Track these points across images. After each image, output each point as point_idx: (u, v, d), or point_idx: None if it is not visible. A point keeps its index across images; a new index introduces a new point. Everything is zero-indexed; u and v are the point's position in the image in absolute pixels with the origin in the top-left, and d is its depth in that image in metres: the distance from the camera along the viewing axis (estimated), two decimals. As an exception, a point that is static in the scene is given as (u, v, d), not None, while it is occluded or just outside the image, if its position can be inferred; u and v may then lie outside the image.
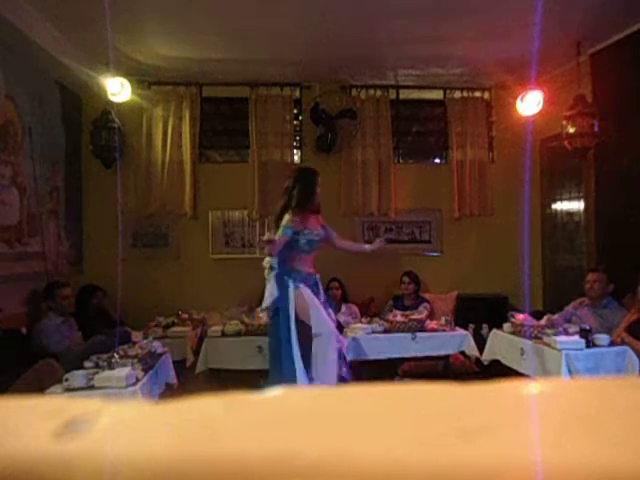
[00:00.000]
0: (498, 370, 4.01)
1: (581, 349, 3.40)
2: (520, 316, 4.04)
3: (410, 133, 6.33)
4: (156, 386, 3.27)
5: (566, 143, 4.82)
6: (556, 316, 4.14)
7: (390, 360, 4.34)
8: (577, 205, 5.45)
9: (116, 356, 3.17)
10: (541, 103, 5.08)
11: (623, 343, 3.55)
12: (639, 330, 3.60)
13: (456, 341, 4.31)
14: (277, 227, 3.56)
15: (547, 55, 4.53)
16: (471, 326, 4.84)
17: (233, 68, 5.35)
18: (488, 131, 6.05)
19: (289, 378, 3.30)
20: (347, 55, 5.06)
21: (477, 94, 5.99)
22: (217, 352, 4.12)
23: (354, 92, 5.87)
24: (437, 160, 6.40)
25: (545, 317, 4.05)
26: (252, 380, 4.30)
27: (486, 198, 5.95)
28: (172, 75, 5.49)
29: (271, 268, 3.52)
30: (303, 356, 3.40)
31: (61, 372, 3.00)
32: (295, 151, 5.97)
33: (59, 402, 0.33)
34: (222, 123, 6.21)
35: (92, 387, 2.78)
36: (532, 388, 0.33)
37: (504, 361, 4.01)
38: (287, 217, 3.52)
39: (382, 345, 4.25)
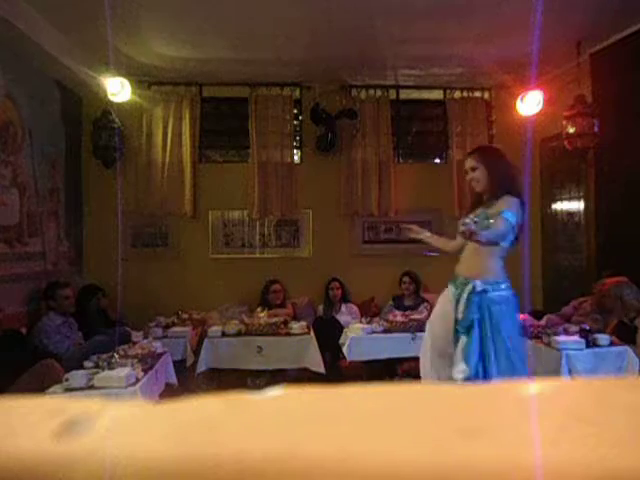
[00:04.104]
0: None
1: (581, 349, 3.40)
2: (520, 316, 4.04)
3: (410, 133, 6.33)
4: (156, 386, 3.27)
5: (566, 143, 4.82)
6: (554, 316, 4.15)
7: (390, 360, 4.34)
8: (577, 205, 5.45)
9: (116, 356, 3.17)
10: (541, 103, 5.08)
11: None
12: (623, 333, 3.63)
13: (456, 341, 4.30)
14: None
15: (547, 55, 4.53)
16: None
17: (233, 68, 5.35)
18: (488, 131, 6.05)
19: None
20: (347, 55, 5.05)
21: (477, 94, 5.99)
22: (217, 352, 4.12)
23: (354, 92, 5.87)
24: (437, 160, 6.40)
25: (545, 317, 4.05)
26: (252, 380, 4.32)
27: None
28: (172, 75, 5.49)
29: None
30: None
31: (61, 372, 3.00)
32: (295, 151, 5.97)
33: (59, 402, 0.33)
34: (222, 123, 6.21)
35: (92, 387, 2.78)
36: (532, 388, 0.33)
37: (504, 361, 4.01)
38: None
39: (382, 345, 4.25)
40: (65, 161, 5.27)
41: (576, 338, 3.47)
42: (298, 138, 5.99)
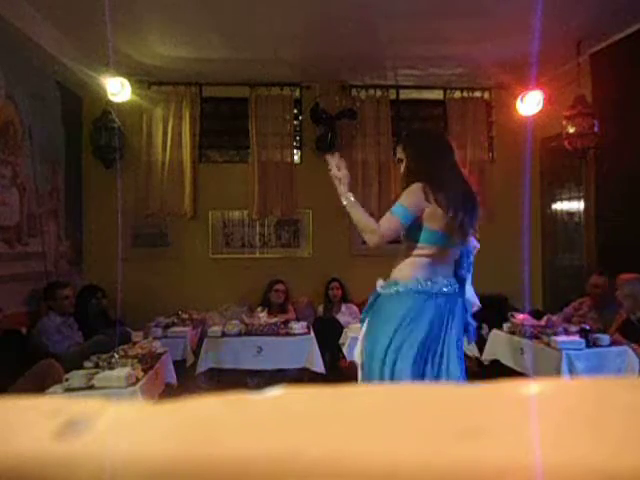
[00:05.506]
0: (498, 370, 4.01)
1: (581, 349, 3.40)
2: (520, 316, 4.04)
3: (410, 133, 6.33)
4: (156, 386, 3.27)
5: (566, 143, 4.82)
6: (555, 317, 4.15)
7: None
8: (577, 205, 5.45)
9: (116, 356, 3.17)
10: (541, 103, 5.08)
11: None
12: (629, 330, 3.63)
13: (456, 341, 4.29)
14: None
15: (547, 55, 4.53)
16: (471, 326, 4.83)
17: (233, 68, 5.35)
18: (488, 131, 6.05)
19: None
20: (347, 55, 5.05)
21: (477, 94, 5.99)
22: (217, 352, 4.11)
23: (354, 92, 5.87)
24: (437, 160, 6.40)
25: (545, 317, 4.05)
26: (252, 380, 4.31)
27: (486, 198, 5.94)
28: (172, 75, 5.48)
29: None
30: None
31: (61, 372, 3.00)
32: (295, 151, 5.97)
33: (59, 402, 0.33)
34: (222, 123, 6.21)
35: (92, 387, 2.78)
36: (532, 388, 0.33)
37: (504, 361, 4.01)
38: None
39: (382, 345, 4.24)
40: (65, 161, 5.26)
41: (576, 338, 3.47)
42: (298, 138, 5.98)
